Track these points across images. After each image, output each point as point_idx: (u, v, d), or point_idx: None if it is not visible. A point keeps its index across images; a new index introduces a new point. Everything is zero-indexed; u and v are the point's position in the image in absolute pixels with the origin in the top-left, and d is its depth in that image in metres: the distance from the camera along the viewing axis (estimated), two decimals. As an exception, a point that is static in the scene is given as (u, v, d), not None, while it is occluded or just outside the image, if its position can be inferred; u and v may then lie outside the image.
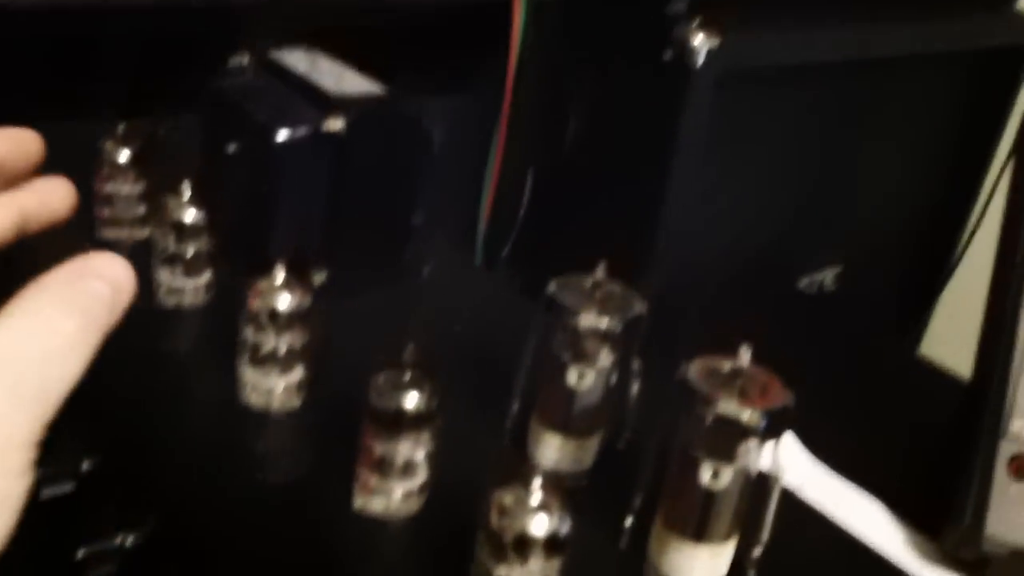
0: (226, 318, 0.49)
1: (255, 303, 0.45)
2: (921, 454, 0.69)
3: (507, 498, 0.35)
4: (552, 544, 0.35)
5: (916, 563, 0.57)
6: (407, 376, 0.40)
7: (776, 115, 0.90)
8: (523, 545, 0.34)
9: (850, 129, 0.98)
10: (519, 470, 0.36)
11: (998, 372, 0.60)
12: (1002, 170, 1.09)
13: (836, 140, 0.98)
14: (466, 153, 0.94)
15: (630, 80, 0.82)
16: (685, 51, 0.79)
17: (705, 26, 0.78)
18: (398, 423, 0.40)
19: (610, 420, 0.46)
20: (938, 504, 0.59)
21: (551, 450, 0.45)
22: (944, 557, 0.58)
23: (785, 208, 0.97)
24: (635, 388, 0.45)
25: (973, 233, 1.16)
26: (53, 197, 0.42)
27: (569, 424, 0.44)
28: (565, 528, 0.35)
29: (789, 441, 0.66)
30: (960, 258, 1.18)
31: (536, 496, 0.35)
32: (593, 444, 0.45)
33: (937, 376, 0.84)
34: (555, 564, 0.35)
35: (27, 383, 0.30)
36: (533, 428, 0.45)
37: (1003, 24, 1.05)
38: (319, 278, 0.56)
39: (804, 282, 1.05)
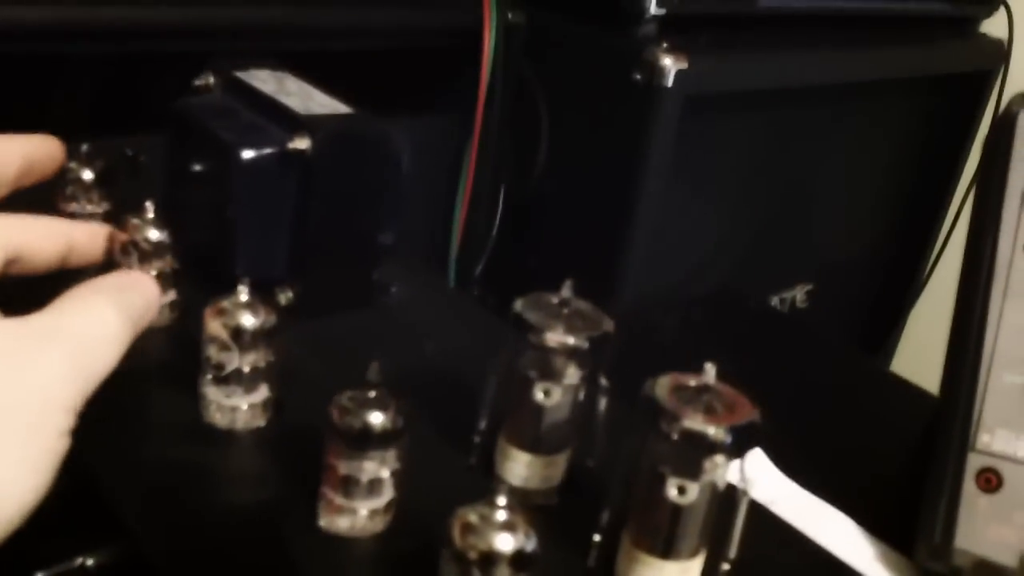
0: (191, 337, 0.48)
1: (218, 321, 0.45)
2: (892, 469, 0.69)
3: (471, 516, 0.35)
4: (518, 562, 0.34)
5: (888, 577, 0.57)
6: (372, 394, 0.40)
7: (744, 137, 0.91)
8: (488, 563, 0.34)
9: (818, 151, 1.00)
10: (485, 488, 0.36)
11: (965, 385, 0.60)
12: (968, 188, 1.11)
13: (804, 161, 0.99)
14: (436, 175, 0.95)
15: (598, 101, 0.83)
16: (655, 72, 0.80)
17: (674, 49, 0.79)
18: (363, 441, 0.40)
19: (579, 438, 0.46)
20: (909, 519, 0.59)
21: (519, 467, 0.44)
22: (916, 572, 0.58)
23: (754, 227, 0.98)
24: (603, 405, 0.45)
25: (941, 250, 1.17)
26: (98, 240, 0.48)
27: (537, 442, 0.44)
28: (531, 546, 0.35)
29: (759, 457, 0.66)
30: (929, 275, 1.20)
31: (501, 514, 0.34)
32: (561, 462, 0.45)
33: (908, 391, 0.84)
34: (521, 581, 0.35)
35: (81, 357, 0.35)
36: (501, 446, 0.45)
37: (967, 49, 1.07)
38: (285, 297, 0.56)
39: (775, 300, 1.06)
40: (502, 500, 0.35)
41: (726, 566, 0.40)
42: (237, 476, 0.44)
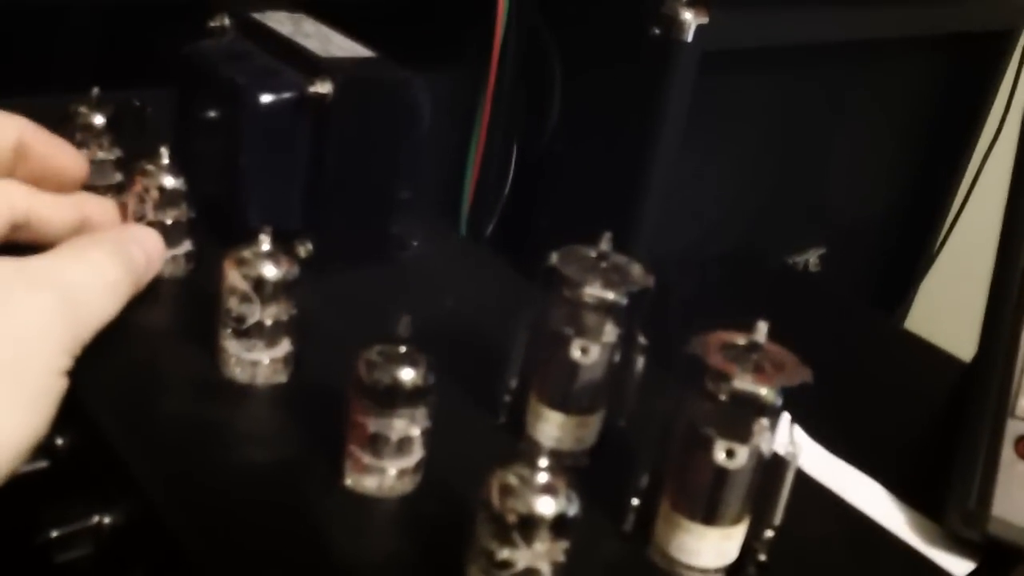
0: (206, 289, 0.46)
1: (239, 272, 0.43)
2: (915, 431, 0.68)
3: (511, 477, 0.33)
4: (559, 526, 0.33)
5: (919, 544, 0.56)
6: (402, 349, 0.38)
7: (761, 96, 0.88)
8: (528, 527, 0.32)
9: (834, 111, 0.97)
10: (521, 449, 0.34)
11: (1003, 351, 0.58)
12: (988, 149, 1.08)
13: (820, 122, 0.97)
14: (447, 131, 0.92)
15: (614, 56, 0.80)
16: (673, 26, 0.77)
17: (694, 3, 0.76)
18: (393, 398, 0.38)
19: (612, 398, 0.44)
20: (939, 485, 0.57)
21: (551, 428, 0.43)
22: (948, 538, 0.56)
23: (768, 189, 0.96)
24: (640, 365, 0.43)
25: (959, 214, 1.15)
26: (111, 213, 0.49)
27: (570, 401, 0.42)
28: (573, 510, 0.33)
29: (784, 421, 0.64)
30: (945, 239, 1.18)
31: (542, 476, 0.33)
32: (595, 422, 0.43)
33: (929, 351, 0.82)
34: (561, 547, 0.33)
35: (78, 304, 0.36)
36: (532, 406, 0.43)
37: (989, 8, 1.04)
38: (304, 250, 0.54)
39: (788, 262, 1.04)
40: (543, 462, 0.33)
41: (770, 533, 0.39)
42: (257, 433, 0.43)
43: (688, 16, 0.75)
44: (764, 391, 0.35)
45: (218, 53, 0.54)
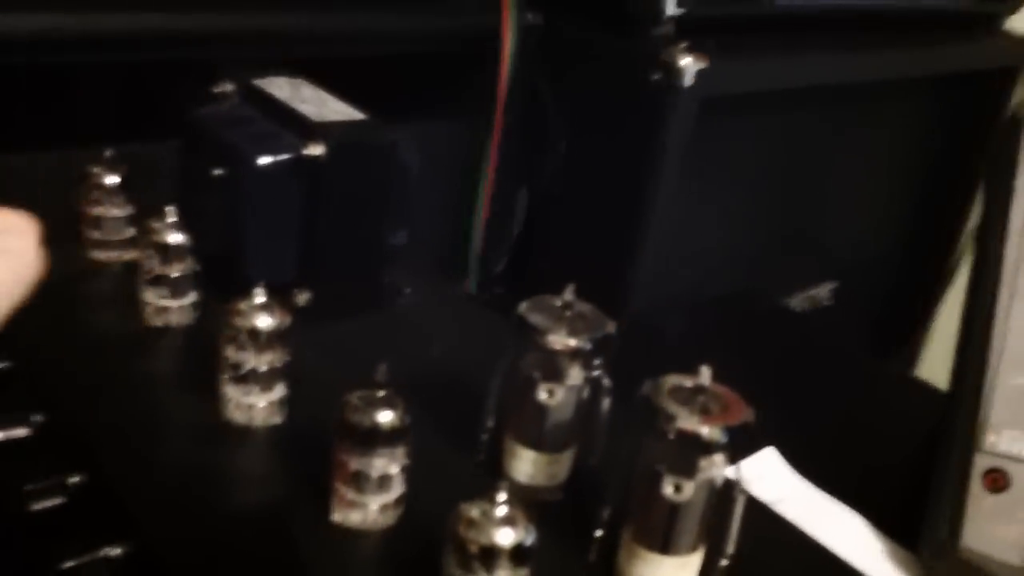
0: (212, 337, 0.50)
1: (235, 322, 0.46)
2: (904, 469, 0.70)
3: (473, 511, 0.36)
4: (518, 555, 0.36)
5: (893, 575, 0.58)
6: (380, 394, 0.41)
7: (761, 137, 0.91)
8: (489, 557, 0.35)
9: (839, 149, 1.00)
10: (491, 485, 0.37)
11: (972, 386, 0.61)
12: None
13: (824, 160, 0.99)
14: (453, 178, 0.96)
15: (613, 102, 0.83)
16: (672, 72, 0.80)
17: (692, 49, 0.79)
18: (373, 439, 0.41)
19: (583, 437, 0.47)
20: (916, 517, 0.60)
21: (525, 465, 0.46)
22: (922, 569, 0.58)
23: (774, 227, 0.98)
24: (605, 405, 0.46)
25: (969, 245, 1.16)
26: None
27: (541, 440, 0.45)
28: (530, 540, 0.36)
29: (771, 456, 0.67)
30: (956, 270, 1.20)
31: (501, 509, 0.36)
32: (566, 460, 0.47)
33: (920, 390, 0.84)
34: (521, 574, 0.36)
35: None
36: (507, 444, 0.46)
37: (990, 46, 1.07)
38: (303, 299, 0.57)
39: (799, 299, 1.06)
40: (502, 496, 0.36)
41: (724, 562, 0.42)
42: (252, 472, 0.46)
43: (687, 62, 0.78)
44: (707, 431, 0.38)
45: (220, 118, 0.59)
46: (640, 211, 0.83)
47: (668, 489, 0.39)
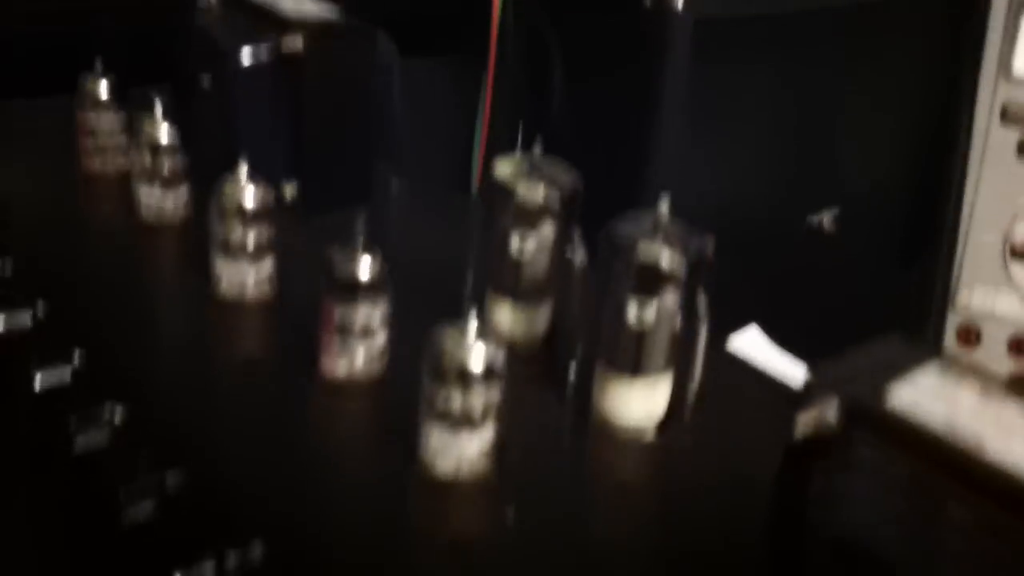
0: (204, 228, 0.52)
1: (222, 199, 0.49)
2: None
3: (446, 336, 0.38)
4: (488, 374, 0.38)
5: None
6: (360, 247, 0.44)
7: (762, 65, 0.92)
8: (462, 377, 0.38)
9: (837, 75, 1.00)
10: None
11: (945, 246, 0.63)
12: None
13: (823, 86, 0.99)
14: (455, 115, 0.97)
15: (612, 32, 0.85)
16: None
17: None
18: (354, 290, 0.43)
19: (559, 293, 0.49)
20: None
21: (504, 318, 0.48)
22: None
23: (777, 153, 0.99)
24: (579, 258, 0.48)
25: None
26: None
27: (518, 292, 0.48)
28: (499, 361, 0.38)
29: (754, 333, 0.69)
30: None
31: (472, 333, 0.38)
32: (543, 313, 0.49)
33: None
34: (492, 392, 0.39)
35: None
36: (489, 300, 0.49)
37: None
38: (290, 191, 0.59)
39: (812, 222, 1.07)
40: (473, 321, 0.38)
41: (691, 391, 0.44)
42: (247, 336, 0.49)
43: None
44: (667, 258, 0.40)
45: (206, 22, 0.61)
46: (643, 142, 0.84)
47: (632, 312, 0.41)
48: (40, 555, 0.46)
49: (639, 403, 0.43)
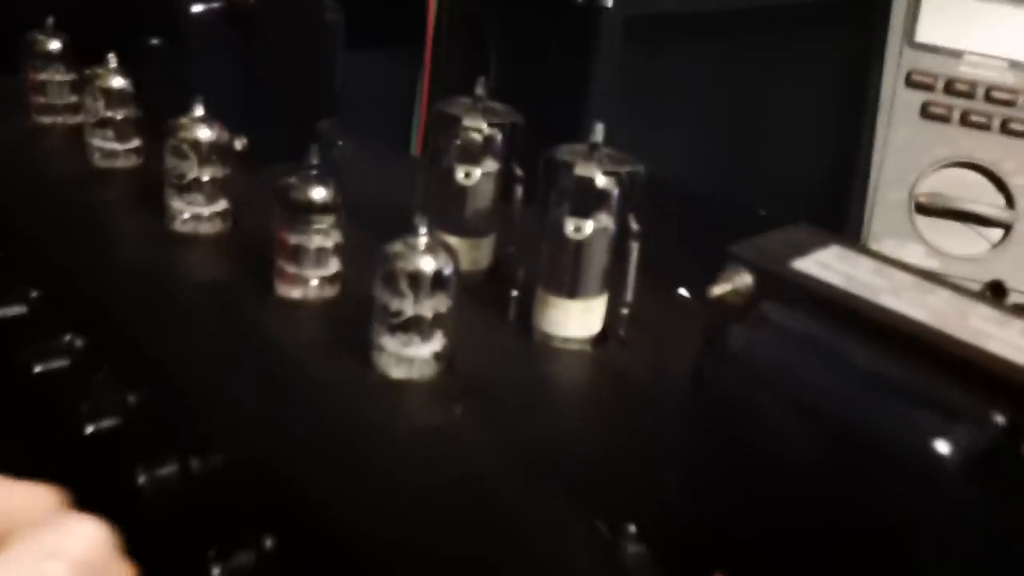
0: (155, 177, 0.54)
1: (178, 135, 0.51)
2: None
3: (398, 245, 0.41)
4: (438, 281, 0.41)
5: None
6: (313, 172, 0.46)
7: (694, 65, 0.96)
8: (413, 281, 0.41)
9: (763, 64, 1.05)
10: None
11: (856, 202, 0.68)
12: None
13: (751, 74, 1.04)
14: (391, 109, 1.00)
15: (544, 29, 0.88)
16: None
17: None
18: (308, 212, 0.46)
19: (501, 225, 0.52)
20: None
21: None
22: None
23: (704, 151, 1.04)
24: (519, 193, 0.51)
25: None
26: (41, 505, 0.31)
27: (462, 225, 0.51)
28: (449, 269, 0.41)
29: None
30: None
31: (423, 241, 0.41)
32: (487, 245, 0.52)
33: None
34: (442, 299, 0.42)
35: None
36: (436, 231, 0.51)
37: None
38: (240, 144, 0.61)
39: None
40: (423, 230, 0.41)
41: (625, 310, 0.47)
42: (202, 268, 0.51)
43: None
44: (600, 177, 0.44)
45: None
46: (575, 132, 0.88)
47: (569, 229, 0.44)
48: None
49: (576, 320, 0.46)
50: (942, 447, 0.27)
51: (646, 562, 0.34)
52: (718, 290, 0.32)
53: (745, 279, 0.32)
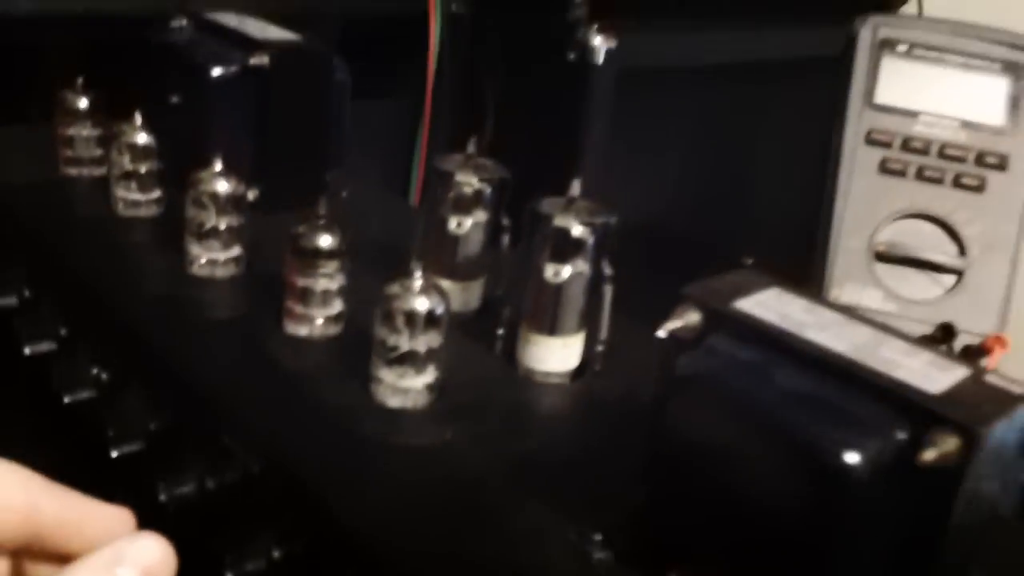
0: (176, 225, 0.59)
1: (198, 187, 0.56)
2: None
3: (395, 287, 0.47)
4: (431, 319, 0.46)
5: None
6: (322, 222, 0.52)
7: (685, 113, 1.02)
8: (408, 319, 0.46)
9: (745, 116, 1.11)
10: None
11: (820, 249, 0.73)
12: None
13: (733, 125, 1.10)
14: (393, 158, 1.06)
15: (539, 82, 0.95)
16: (586, 51, 0.92)
17: (603, 30, 0.91)
18: (316, 258, 0.51)
19: (490, 269, 0.57)
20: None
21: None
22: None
23: (694, 202, 1.09)
24: (505, 242, 0.56)
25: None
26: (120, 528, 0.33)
27: (454, 269, 0.56)
28: (440, 308, 0.47)
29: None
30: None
31: (418, 282, 0.46)
32: (476, 288, 0.57)
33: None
34: (435, 336, 0.47)
35: None
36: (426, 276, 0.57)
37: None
38: (252, 194, 0.67)
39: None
40: (418, 273, 0.46)
41: (600, 347, 0.52)
42: (219, 305, 0.56)
43: (599, 41, 0.90)
44: (576, 227, 0.49)
45: (180, 41, 0.69)
46: (569, 179, 0.93)
47: (548, 273, 0.49)
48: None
49: (556, 355, 0.52)
50: (853, 457, 0.32)
51: (611, 566, 0.39)
52: (670, 325, 0.37)
53: (694, 316, 0.37)
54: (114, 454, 0.49)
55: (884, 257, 0.73)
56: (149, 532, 0.30)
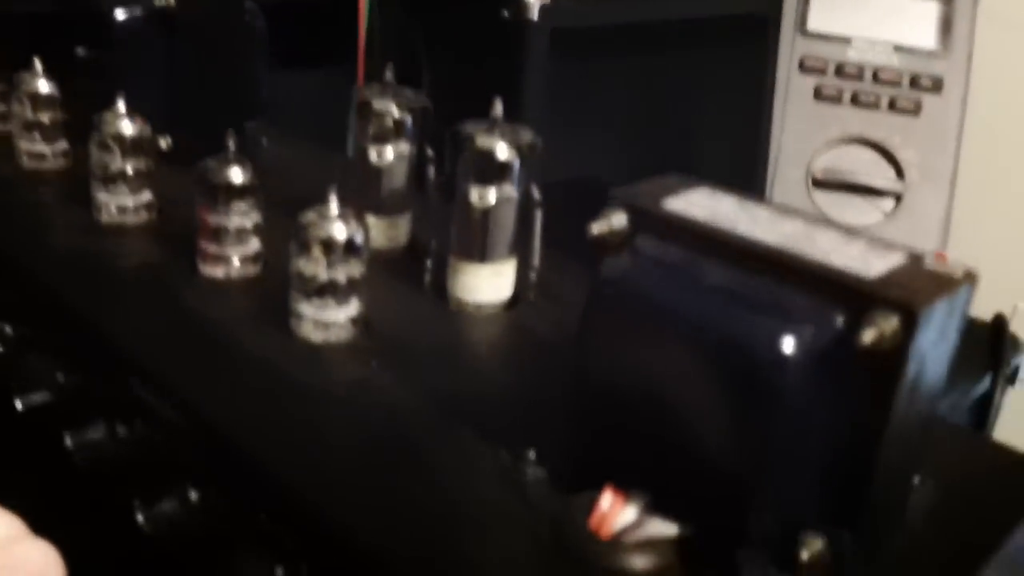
0: (87, 179, 0.56)
1: (102, 129, 0.53)
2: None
3: (311, 214, 0.44)
4: (350, 248, 0.44)
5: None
6: (231, 156, 0.49)
7: (619, 74, 1.00)
8: (327, 247, 0.43)
9: (678, 69, 1.10)
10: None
11: (758, 180, 0.72)
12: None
13: (667, 78, 1.09)
14: (329, 127, 1.03)
15: (474, 42, 0.92)
16: (521, 8, 0.90)
17: None
18: (227, 194, 0.49)
19: (418, 205, 0.55)
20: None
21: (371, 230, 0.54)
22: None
23: (625, 158, 1.08)
24: (430, 173, 0.54)
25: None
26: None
27: (379, 205, 0.53)
28: (360, 237, 0.44)
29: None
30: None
31: (334, 209, 0.44)
32: (403, 223, 0.55)
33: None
34: (355, 265, 0.44)
35: None
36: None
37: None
38: (164, 142, 0.64)
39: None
40: (334, 199, 0.44)
41: (533, 275, 0.50)
42: (130, 253, 0.53)
43: None
44: (501, 149, 0.47)
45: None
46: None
47: (474, 197, 0.47)
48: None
49: (487, 285, 0.49)
50: (789, 345, 0.30)
51: (544, 483, 0.37)
52: (596, 228, 0.35)
53: (621, 218, 0.35)
54: (19, 406, 0.46)
55: (822, 184, 0.72)
56: (36, 538, 0.29)
